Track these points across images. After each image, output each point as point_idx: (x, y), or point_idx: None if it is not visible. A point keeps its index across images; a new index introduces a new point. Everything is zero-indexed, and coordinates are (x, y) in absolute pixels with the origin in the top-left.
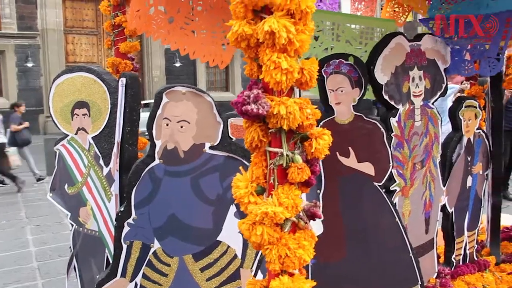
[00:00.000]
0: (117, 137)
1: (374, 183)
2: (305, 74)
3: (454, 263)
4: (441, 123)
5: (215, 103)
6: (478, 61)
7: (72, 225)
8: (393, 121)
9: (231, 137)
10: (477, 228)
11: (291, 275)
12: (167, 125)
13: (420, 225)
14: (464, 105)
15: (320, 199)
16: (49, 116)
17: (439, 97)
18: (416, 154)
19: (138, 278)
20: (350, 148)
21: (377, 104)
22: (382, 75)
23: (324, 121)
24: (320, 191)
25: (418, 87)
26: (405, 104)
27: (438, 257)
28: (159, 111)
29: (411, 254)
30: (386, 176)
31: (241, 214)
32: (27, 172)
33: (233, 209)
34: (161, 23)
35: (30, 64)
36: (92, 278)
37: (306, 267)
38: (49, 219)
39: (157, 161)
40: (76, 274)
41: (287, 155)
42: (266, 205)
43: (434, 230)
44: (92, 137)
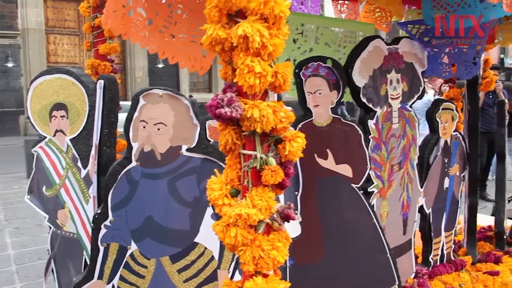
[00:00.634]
0: (95, 139)
1: (352, 185)
2: (279, 78)
3: (432, 263)
4: (419, 126)
5: (198, 105)
6: (456, 64)
7: (50, 228)
8: (371, 124)
9: (209, 140)
10: (454, 229)
11: (266, 276)
12: (144, 128)
13: (398, 226)
14: (441, 108)
15: (298, 201)
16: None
17: (417, 100)
18: (394, 156)
19: (115, 280)
20: (328, 150)
21: None
22: (360, 78)
23: (303, 123)
24: (298, 193)
25: (396, 90)
26: (383, 107)
27: (416, 258)
28: (136, 114)
29: (389, 255)
30: (364, 178)
31: (218, 216)
32: (5, 174)
33: (210, 211)
34: (140, 26)
35: (10, 64)
36: (70, 281)
37: (283, 268)
38: (29, 222)
39: (134, 163)
40: (54, 277)
41: (261, 158)
42: (240, 207)
43: (412, 231)
44: (70, 139)
